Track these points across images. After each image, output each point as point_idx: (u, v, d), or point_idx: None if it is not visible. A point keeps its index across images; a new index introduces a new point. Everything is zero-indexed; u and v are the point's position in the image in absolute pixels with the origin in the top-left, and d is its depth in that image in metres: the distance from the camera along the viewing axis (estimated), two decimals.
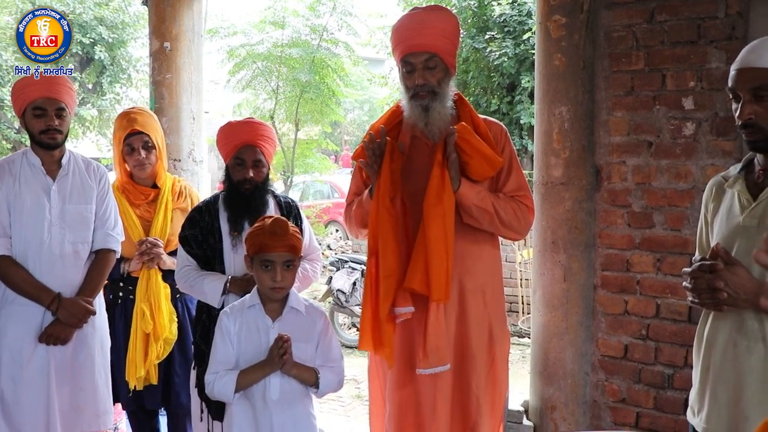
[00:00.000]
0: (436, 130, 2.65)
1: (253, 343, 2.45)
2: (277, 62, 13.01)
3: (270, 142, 2.99)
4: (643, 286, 3.48)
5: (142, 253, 3.28)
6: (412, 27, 2.62)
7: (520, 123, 10.75)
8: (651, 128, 3.43)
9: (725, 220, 2.08)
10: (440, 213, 2.53)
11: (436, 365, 2.57)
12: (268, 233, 2.42)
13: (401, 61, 2.66)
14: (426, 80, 2.61)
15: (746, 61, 1.96)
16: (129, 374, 3.29)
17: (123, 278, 3.37)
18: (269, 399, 2.41)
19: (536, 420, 3.79)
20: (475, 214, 2.62)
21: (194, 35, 4.86)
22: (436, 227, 2.52)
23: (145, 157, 3.35)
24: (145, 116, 3.43)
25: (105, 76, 17.05)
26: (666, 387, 3.42)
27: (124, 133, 3.36)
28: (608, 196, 3.56)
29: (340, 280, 7.46)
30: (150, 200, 3.44)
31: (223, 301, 2.85)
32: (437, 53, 2.60)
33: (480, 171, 2.61)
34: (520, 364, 6.37)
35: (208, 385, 2.43)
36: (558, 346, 3.65)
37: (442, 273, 2.52)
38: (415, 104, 2.64)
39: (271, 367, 2.39)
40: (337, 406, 5.32)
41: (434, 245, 2.52)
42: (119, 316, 3.36)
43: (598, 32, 3.53)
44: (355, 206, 2.83)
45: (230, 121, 3.04)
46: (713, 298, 1.96)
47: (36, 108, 2.93)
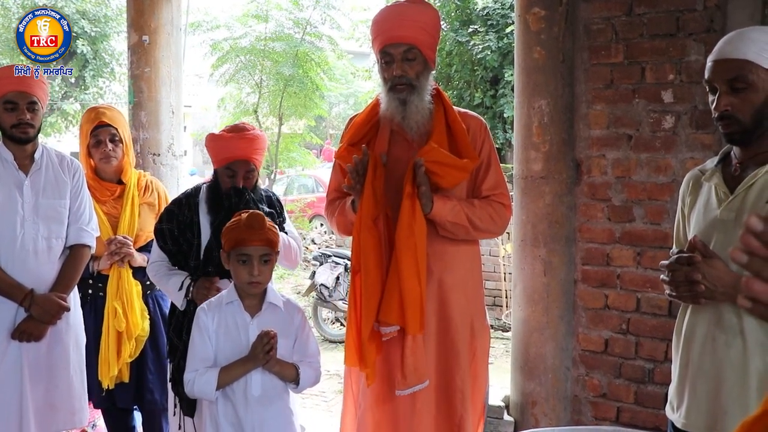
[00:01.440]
0: (414, 124, 2.64)
1: (232, 339, 2.43)
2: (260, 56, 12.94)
3: (262, 153, 2.95)
4: (624, 280, 3.47)
5: (112, 253, 3.24)
6: (392, 18, 2.60)
7: (504, 117, 10.75)
8: (631, 121, 3.42)
9: (702, 214, 2.07)
10: (411, 246, 2.54)
11: (414, 385, 2.59)
12: (244, 227, 2.40)
13: (380, 52, 2.64)
14: (404, 72, 2.59)
15: (723, 52, 1.95)
16: (102, 373, 3.26)
17: (92, 276, 3.32)
18: (250, 396, 2.38)
19: (517, 415, 3.78)
20: (449, 228, 2.64)
21: (173, 28, 4.81)
22: (408, 260, 2.54)
23: (111, 149, 3.31)
24: (113, 111, 3.41)
25: (88, 70, 16.93)
26: (647, 381, 3.42)
27: (92, 125, 3.32)
28: (588, 189, 3.55)
29: (323, 274, 7.45)
30: (116, 196, 3.39)
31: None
32: (416, 45, 2.58)
33: (452, 180, 2.62)
34: (504, 359, 6.36)
35: (188, 383, 2.39)
36: (539, 341, 3.64)
37: (416, 306, 2.54)
38: (393, 97, 2.62)
39: (253, 364, 2.36)
40: (320, 401, 5.30)
41: (407, 280, 2.53)
42: (89, 314, 3.31)
43: (578, 25, 3.52)
44: (337, 213, 2.80)
45: (222, 132, 2.93)
46: (691, 291, 1.96)
47: (7, 102, 2.89)
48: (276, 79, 13.09)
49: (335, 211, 2.82)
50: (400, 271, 2.54)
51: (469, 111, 2.85)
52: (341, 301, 7.28)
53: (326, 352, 6.99)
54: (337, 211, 2.80)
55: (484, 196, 2.72)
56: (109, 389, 3.30)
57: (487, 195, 2.72)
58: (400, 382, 2.58)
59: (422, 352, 2.59)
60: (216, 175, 2.93)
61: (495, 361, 6.49)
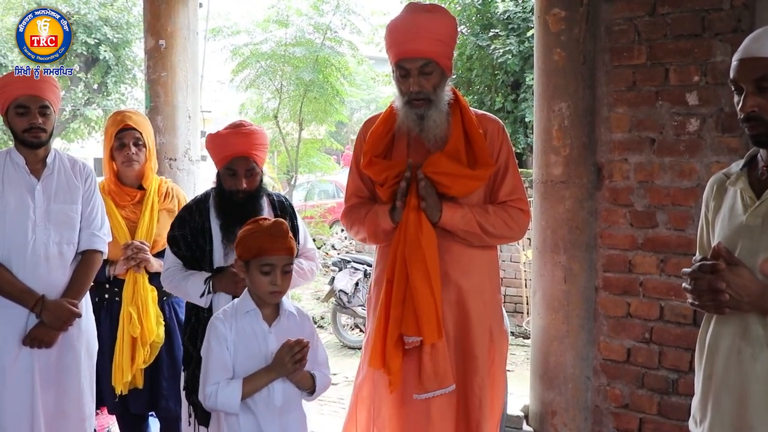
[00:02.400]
0: (432, 136, 2.63)
1: (251, 349, 2.37)
2: (280, 61, 13.01)
3: (262, 149, 2.92)
4: (647, 287, 3.39)
5: (128, 258, 3.23)
6: (407, 30, 2.57)
7: (525, 121, 10.65)
8: (654, 125, 3.34)
9: (727, 219, 1.99)
10: (420, 258, 2.56)
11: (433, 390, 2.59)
12: (266, 235, 2.34)
13: (395, 64, 2.61)
14: (421, 87, 2.57)
15: (749, 50, 1.88)
16: (116, 379, 3.25)
17: (109, 280, 3.31)
18: (272, 405, 2.34)
19: (536, 425, 3.71)
20: (461, 235, 2.64)
21: (189, 33, 4.81)
22: (418, 273, 2.56)
23: (135, 153, 3.32)
24: (139, 116, 3.44)
25: (110, 76, 17.07)
26: (670, 392, 3.33)
27: (117, 128, 3.33)
28: (610, 195, 3.47)
29: (342, 280, 7.43)
30: (136, 201, 3.40)
31: (212, 301, 2.78)
32: (433, 58, 2.55)
33: (463, 189, 2.62)
34: (525, 366, 6.29)
35: (209, 397, 2.31)
36: (558, 350, 3.57)
37: (431, 315, 2.55)
38: (410, 111, 2.61)
39: (277, 373, 2.32)
40: (339, 408, 5.24)
41: (420, 293, 2.55)
42: (104, 318, 3.31)
43: (599, 26, 3.45)
44: (367, 220, 2.76)
45: (219, 130, 2.93)
46: (715, 301, 1.86)
47: (19, 106, 2.88)
48: (296, 85, 13.17)
49: (363, 218, 2.77)
50: (411, 282, 2.55)
51: (487, 113, 2.83)
52: (360, 307, 7.24)
53: (345, 359, 6.95)
54: (367, 219, 2.75)
55: (501, 202, 2.69)
56: (123, 395, 3.29)
57: (504, 200, 2.69)
58: (417, 387, 2.59)
59: (444, 357, 2.58)
60: (219, 178, 2.90)
61: (515, 368, 6.42)
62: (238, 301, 2.46)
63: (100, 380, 3.22)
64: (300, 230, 3.03)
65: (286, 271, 2.38)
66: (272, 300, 2.41)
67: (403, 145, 2.70)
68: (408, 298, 2.57)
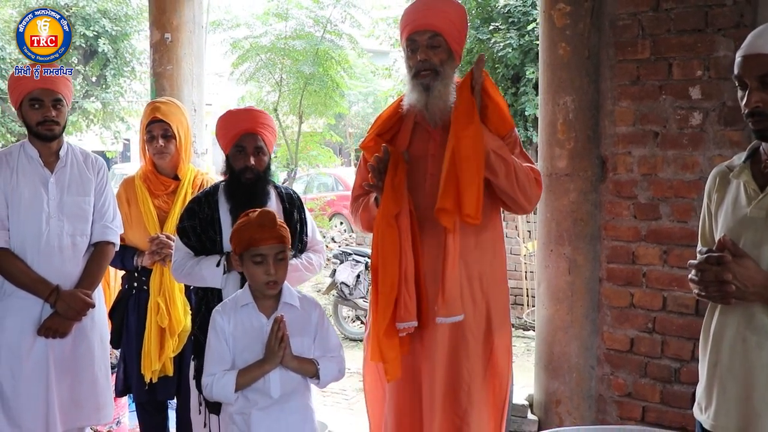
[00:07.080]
0: (437, 111, 2.62)
1: (249, 342, 2.40)
2: (280, 54, 12.99)
3: (270, 131, 2.96)
4: (650, 278, 3.44)
5: (153, 252, 3.26)
6: (419, 9, 2.63)
7: (525, 114, 10.66)
8: (657, 118, 3.38)
9: (731, 212, 2.03)
10: (471, 134, 2.46)
11: (453, 314, 2.54)
12: (255, 226, 2.37)
13: (406, 40, 2.64)
14: (428, 57, 2.58)
15: (753, 46, 1.91)
16: (145, 366, 3.26)
17: (137, 270, 3.34)
18: (269, 397, 2.37)
19: (541, 414, 3.76)
20: (492, 160, 2.52)
21: (195, 26, 4.83)
22: (467, 147, 2.45)
23: (163, 145, 3.32)
24: (169, 106, 3.42)
25: (109, 69, 16.96)
26: (673, 381, 3.38)
27: (147, 120, 3.36)
28: (614, 187, 3.51)
29: (343, 272, 7.45)
30: (170, 191, 3.41)
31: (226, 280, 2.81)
32: (441, 33, 2.58)
33: (493, 122, 2.61)
34: (525, 357, 6.34)
35: (206, 387, 2.38)
36: (563, 340, 3.61)
37: (473, 191, 2.45)
38: (416, 83, 2.62)
39: (270, 364, 2.35)
40: (341, 399, 5.29)
41: (466, 164, 2.44)
42: (133, 307, 3.34)
43: (603, 20, 3.48)
44: (361, 209, 2.80)
45: (230, 109, 3.00)
46: (721, 291, 1.91)
47: (33, 99, 2.91)
48: (296, 78, 13.14)
49: (359, 208, 2.82)
50: (459, 158, 2.46)
51: None
52: (362, 299, 7.28)
53: (347, 351, 6.92)
54: (362, 207, 2.80)
55: None
56: (152, 382, 3.30)
57: None
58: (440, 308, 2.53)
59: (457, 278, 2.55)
60: (228, 162, 2.93)
61: (516, 359, 6.46)
62: (239, 294, 2.50)
63: (127, 368, 3.28)
64: (308, 223, 3.06)
65: (280, 259, 2.40)
66: (269, 291, 2.42)
67: (407, 132, 2.72)
68: (450, 177, 2.47)
